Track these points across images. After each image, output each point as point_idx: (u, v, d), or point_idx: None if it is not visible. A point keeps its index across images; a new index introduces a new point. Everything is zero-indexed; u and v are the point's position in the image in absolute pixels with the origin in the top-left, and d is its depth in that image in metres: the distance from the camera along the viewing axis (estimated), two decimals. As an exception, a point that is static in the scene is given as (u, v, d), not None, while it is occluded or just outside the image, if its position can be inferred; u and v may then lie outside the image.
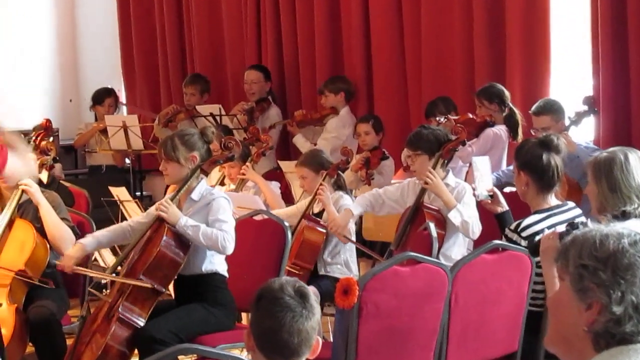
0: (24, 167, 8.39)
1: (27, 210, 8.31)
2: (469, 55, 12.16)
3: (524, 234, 6.95)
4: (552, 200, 7.02)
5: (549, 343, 3.45)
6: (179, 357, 4.85)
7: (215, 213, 7.81)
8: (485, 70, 11.91)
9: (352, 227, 9.01)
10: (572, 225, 6.11)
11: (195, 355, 4.88)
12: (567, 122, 10.50)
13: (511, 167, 8.92)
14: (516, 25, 11.73)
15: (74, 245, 8.27)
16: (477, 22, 12.02)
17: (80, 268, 8.24)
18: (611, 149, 6.60)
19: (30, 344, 8.31)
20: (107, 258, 9.30)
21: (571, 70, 11.82)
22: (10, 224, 8.30)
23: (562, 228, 6.12)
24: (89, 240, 8.27)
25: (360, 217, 9.75)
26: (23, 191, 8.29)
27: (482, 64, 11.99)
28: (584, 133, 10.92)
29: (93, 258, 8.95)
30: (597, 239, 3.17)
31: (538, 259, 6.53)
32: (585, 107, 10.81)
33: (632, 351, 3.12)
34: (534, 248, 6.64)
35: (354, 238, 9.18)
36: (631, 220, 5.85)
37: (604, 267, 3.14)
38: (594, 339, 3.16)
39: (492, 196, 7.99)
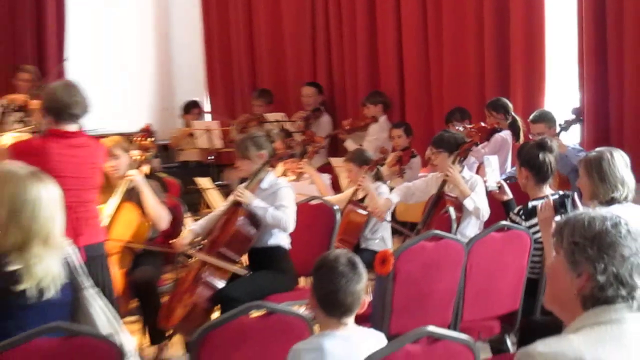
0: (127, 162, 8.52)
1: (132, 195, 8.39)
2: (481, 74, 12.27)
3: (524, 217, 7.00)
4: (547, 190, 7.03)
5: (547, 302, 3.51)
6: (251, 312, 4.88)
7: (280, 199, 7.94)
8: (493, 87, 11.99)
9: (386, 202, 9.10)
10: (564, 195, 6.19)
11: (264, 310, 4.90)
12: (558, 128, 10.53)
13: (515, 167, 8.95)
14: (518, 51, 11.76)
15: (187, 230, 8.70)
16: (487, 48, 12.08)
17: (188, 248, 8.56)
18: (598, 148, 6.64)
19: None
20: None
21: (562, 86, 11.87)
22: (119, 207, 8.43)
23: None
24: (195, 227, 8.60)
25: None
26: (130, 180, 8.39)
27: (491, 82, 12.07)
28: (572, 137, 10.95)
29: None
30: (586, 221, 3.25)
31: (537, 235, 6.61)
32: (573, 116, 10.86)
33: (612, 310, 3.18)
34: (529, 213, 6.96)
35: (389, 219, 9.21)
36: (615, 206, 5.94)
37: (591, 245, 3.20)
38: (582, 301, 3.22)
39: (500, 187, 8.08)
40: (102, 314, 5.11)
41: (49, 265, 4.86)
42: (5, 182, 4.97)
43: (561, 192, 6.92)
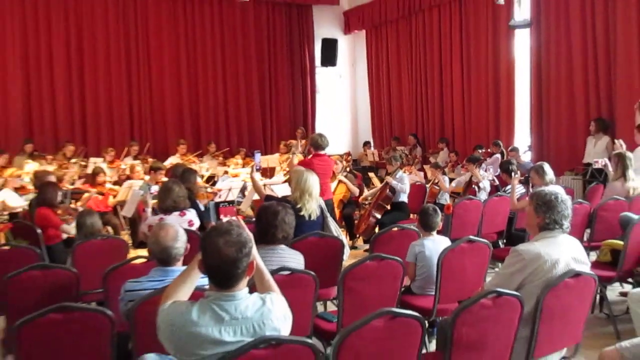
0: (340, 166, 8.75)
1: (341, 182, 8.54)
2: (487, 128, 11.91)
3: (507, 192, 6.89)
4: (515, 181, 6.77)
5: (525, 225, 3.68)
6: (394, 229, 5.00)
7: (402, 181, 7.87)
8: (493, 133, 11.65)
9: (447, 185, 8.98)
10: (525, 178, 6.19)
11: (398, 228, 4.94)
12: (521, 153, 10.24)
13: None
14: (504, 117, 11.49)
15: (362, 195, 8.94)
16: (490, 114, 11.81)
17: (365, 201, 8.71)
18: (539, 162, 6.46)
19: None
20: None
21: (522, 133, 11.42)
22: (337, 184, 8.52)
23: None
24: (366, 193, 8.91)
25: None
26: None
27: (492, 132, 11.73)
28: (527, 157, 10.64)
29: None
30: (543, 194, 3.35)
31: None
32: (527, 148, 10.67)
33: (553, 232, 3.27)
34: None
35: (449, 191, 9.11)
36: (551, 186, 5.72)
37: (544, 206, 3.32)
38: (539, 227, 3.35)
39: (492, 180, 8.17)
40: (334, 227, 5.21)
41: (311, 205, 5.07)
42: (297, 172, 5.23)
43: (526, 175, 6.83)
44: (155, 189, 6.94)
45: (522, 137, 11.42)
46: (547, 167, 6.10)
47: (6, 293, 3.72)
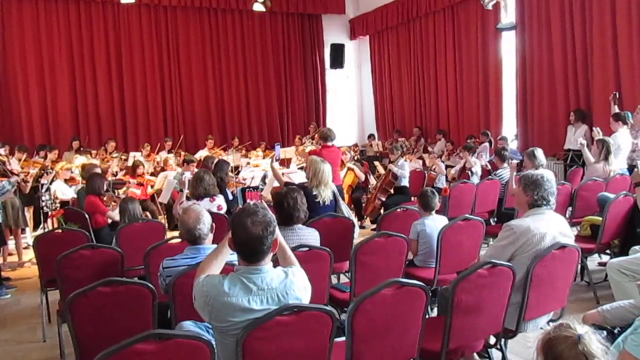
0: (349, 156, 8.54)
1: (350, 170, 8.40)
2: (478, 120, 11.69)
3: (497, 175, 6.80)
4: (505, 164, 6.70)
5: (515, 204, 3.55)
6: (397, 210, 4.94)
7: (403, 168, 7.89)
8: (483, 124, 11.39)
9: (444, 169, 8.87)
10: (520, 163, 6.08)
11: (402, 209, 4.88)
12: (509, 141, 10.06)
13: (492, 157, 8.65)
14: (493, 110, 11.29)
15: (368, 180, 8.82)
16: (481, 105, 11.57)
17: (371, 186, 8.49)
18: (531, 148, 6.23)
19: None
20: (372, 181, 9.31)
21: (509, 124, 11.18)
22: (347, 172, 8.39)
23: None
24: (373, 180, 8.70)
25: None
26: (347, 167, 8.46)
27: (483, 123, 11.49)
28: (514, 145, 10.36)
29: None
30: (531, 175, 3.29)
31: (504, 181, 6.41)
32: (514, 137, 10.39)
33: (540, 209, 3.21)
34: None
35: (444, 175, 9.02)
36: (540, 169, 5.63)
37: (532, 185, 3.24)
38: (528, 205, 3.28)
39: (486, 165, 7.96)
40: (345, 209, 5.16)
41: (326, 193, 5.00)
42: (314, 163, 5.11)
43: (521, 159, 6.71)
44: (188, 175, 6.95)
45: (509, 127, 11.25)
46: (538, 152, 5.96)
47: (60, 270, 3.74)
